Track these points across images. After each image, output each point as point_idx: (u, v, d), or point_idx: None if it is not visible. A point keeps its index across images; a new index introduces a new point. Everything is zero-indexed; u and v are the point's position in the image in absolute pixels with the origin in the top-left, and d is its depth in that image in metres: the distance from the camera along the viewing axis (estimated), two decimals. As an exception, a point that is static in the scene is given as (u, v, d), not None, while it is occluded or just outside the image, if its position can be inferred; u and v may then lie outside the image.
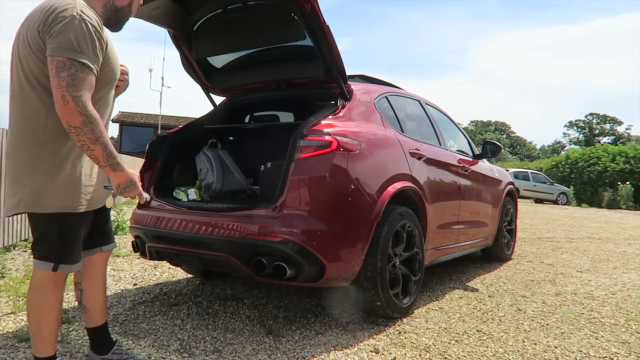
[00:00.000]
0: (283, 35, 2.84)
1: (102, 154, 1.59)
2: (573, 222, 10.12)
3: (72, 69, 1.52)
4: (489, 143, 4.41)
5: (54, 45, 1.53)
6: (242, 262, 2.43)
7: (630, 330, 2.79)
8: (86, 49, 1.55)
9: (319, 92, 3.01)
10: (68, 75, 1.51)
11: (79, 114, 1.52)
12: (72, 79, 1.51)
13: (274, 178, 2.54)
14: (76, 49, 1.53)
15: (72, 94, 1.51)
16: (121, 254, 4.50)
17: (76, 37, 1.53)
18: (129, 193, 1.71)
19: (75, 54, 1.53)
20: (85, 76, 1.55)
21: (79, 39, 1.54)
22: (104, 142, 1.58)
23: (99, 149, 1.57)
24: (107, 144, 1.59)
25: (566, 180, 21.42)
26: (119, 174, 1.67)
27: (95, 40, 1.58)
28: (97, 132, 1.55)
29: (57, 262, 1.68)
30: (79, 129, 1.53)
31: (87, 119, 1.53)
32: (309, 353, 2.28)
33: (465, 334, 2.63)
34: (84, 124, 1.53)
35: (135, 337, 2.42)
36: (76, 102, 1.51)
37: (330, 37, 2.57)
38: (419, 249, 3.01)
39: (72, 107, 1.51)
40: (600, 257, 5.43)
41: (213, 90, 3.41)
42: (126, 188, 1.70)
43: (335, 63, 2.70)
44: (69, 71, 1.51)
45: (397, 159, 2.90)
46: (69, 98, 1.51)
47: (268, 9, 2.74)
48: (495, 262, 4.80)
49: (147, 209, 2.92)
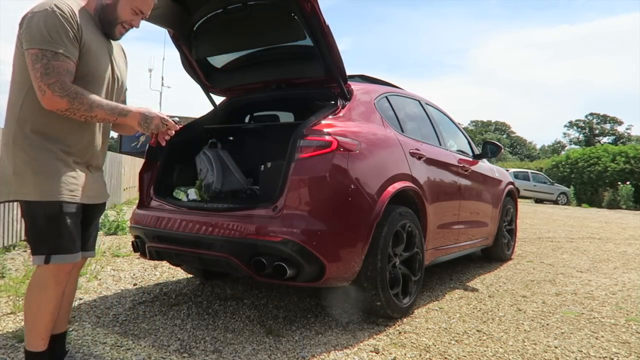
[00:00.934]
0: (283, 35, 2.84)
1: (105, 114, 1.65)
2: (573, 222, 10.12)
3: (44, 59, 1.54)
4: (489, 143, 4.41)
5: (26, 38, 1.57)
6: (242, 262, 2.43)
7: (630, 330, 2.78)
8: (58, 38, 1.57)
9: (319, 92, 3.01)
10: (41, 66, 1.54)
11: (60, 97, 1.56)
12: (45, 69, 1.54)
13: (274, 178, 2.54)
14: (48, 39, 1.55)
15: (46, 82, 1.54)
16: (121, 254, 4.50)
17: (47, 28, 1.56)
18: (154, 124, 1.74)
19: (47, 44, 1.55)
20: (60, 64, 1.57)
21: (49, 29, 1.56)
22: (98, 105, 1.63)
23: (99, 112, 1.64)
24: (102, 105, 1.64)
25: (566, 180, 21.41)
26: (131, 116, 1.71)
27: (67, 29, 1.59)
28: (87, 102, 1.60)
29: (48, 253, 1.66)
30: (70, 109, 1.58)
31: (69, 98, 1.57)
32: (309, 353, 2.28)
33: (465, 334, 2.63)
34: (70, 102, 1.57)
35: (135, 337, 2.42)
36: (52, 89, 1.54)
37: (331, 37, 2.57)
38: (419, 249, 3.01)
39: (50, 95, 1.55)
40: (601, 257, 5.43)
41: (213, 90, 3.41)
42: (147, 121, 1.73)
43: (335, 63, 2.70)
44: (42, 62, 1.54)
45: (397, 159, 2.90)
46: (44, 87, 1.55)
47: (268, 9, 2.74)
48: (495, 262, 4.80)
49: (147, 209, 2.92)
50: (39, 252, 1.67)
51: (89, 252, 1.95)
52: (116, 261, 4.24)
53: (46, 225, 1.67)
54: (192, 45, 3.09)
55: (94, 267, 3.86)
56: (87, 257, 1.97)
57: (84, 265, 3.74)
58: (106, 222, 5.95)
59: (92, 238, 1.96)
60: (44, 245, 1.67)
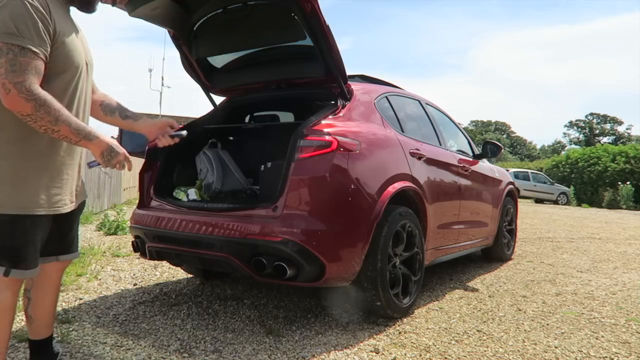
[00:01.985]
0: (283, 35, 2.84)
1: (69, 131, 1.49)
2: (573, 222, 10.11)
3: (10, 53, 1.39)
4: (489, 143, 4.41)
5: None
6: (242, 262, 2.43)
7: (630, 330, 2.78)
8: (26, 31, 1.42)
9: (319, 92, 3.01)
10: (6, 61, 1.39)
11: (25, 100, 1.40)
12: (11, 65, 1.39)
13: (274, 178, 2.54)
14: (14, 32, 1.40)
15: (13, 80, 1.39)
16: (121, 254, 4.50)
17: (13, 19, 1.40)
18: (115, 159, 1.60)
19: (13, 37, 1.40)
20: (27, 60, 1.42)
21: (16, 21, 1.40)
22: (65, 120, 1.47)
23: (63, 128, 1.47)
24: (69, 120, 1.48)
25: (566, 180, 21.42)
26: (95, 142, 1.56)
27: (37, 22, 1.44)
28: (53, 112, 1.44)
29: (9, 267, 1.54)
30: (32, 115, 1.43)
31: (36, 103, 1.41)
32: (309, 353, 2.28)
33: (465, 334, 2.63)
34: (35, 109, 1.41)
35: (135, 337, 2.42)
36: (18, 89, 1.39)
37: (331, 37, 2.57)
38: (419, 249, 3.01)
39: (15, 95, 1.39)
40: (601, 257, 5.43)
41: (213, 90, 3.41)
42: (110, 155, 1.59)
43: (336, 63, 2.70)
44: (7, 57, 1.39)
45: (397, 159, 2.90)
46: (9, 86, 1.39)
47: (268, 9, 2.74)
48: (495, 262, 4.80)
49: (148, 209, 2.92)
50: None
51: (74, 254, 1.87)
52: (116, 261, 4.24)
53: (13, 240, 1.54)
54: (192, 45, 3.09)
55: (94, 267, 3.86)
56: (72, 259, 1.89)
57: (84, 266, 3.77)
58: (106, 222, 5.96)
59: (75, 240, 1.87)
60: (5, 259, 1.54)
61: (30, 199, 1.53)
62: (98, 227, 6.13)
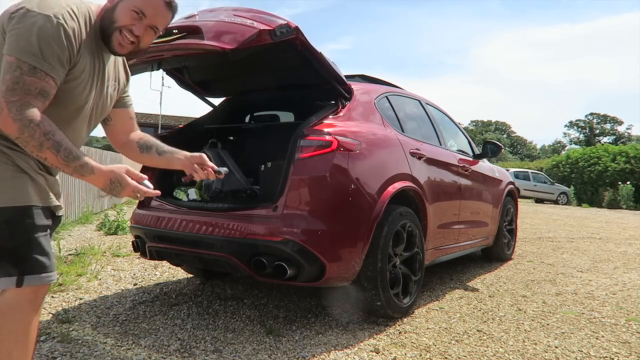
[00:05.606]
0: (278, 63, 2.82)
1: (56, 160, 1.31)
2: (573, 222, 10.11)
3: (17, 71, 1.27)
4: (489, 143, 4.41)
5: (10, 41, 1.29)
6: (242, 262, 2.43)
7: (630, 330, 2.78)
8: (47, 53, 1.29)
9: (319, 92, 3.01)
10: (10, 78, 1.26)
11: (12, 120, 1.26)
12: (14, 83, 1.26)
13: (274, 178, 2.54)
14: (32, 50, 1.28)
15: (8, 99, 1.25)
16: (121, 254, 4.50)
17: (39, 37, 1.28)
18: (120, 193, 1.43)
19: (28, 55, 1.27)
20: (34, 80, 1.28)
21: (41, 40, 1.28)
22: (52, 146, 1.29)
23: (50, 156, 1.31)
24: (57, 147, 1.30)
25: (567, 180, 21.40)
26: (90, 178, 1.39)
27: (65, 49, 1.33)
28: (37, 136, 1.28)
29: (20, 274, 1.34)
30: (19, 138, 1.28)
31: (21, 125, 1.26)
32: (309, 353, 2.28)
33: (465, 333, 2.63)
34: (20, 131, 1.27)
35: (135, 336, 2.42)
36: (9, 108, 1.25)
37: (323, 60, 2.56)
38: (420, 248, 3.01)
39: (5, 115, 1.25)
40: (601, 257, 5.43)
41: (211, 96, 3.46)
42: (112, 190, 1.42)
43: (332, 75, 2.69)
44: (12, 74, 1.27)
45: (398, 158, 2.90)
46: (3, 105, 1.25)
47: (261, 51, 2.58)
48: (495, 262, 4.80)
49: (148, 209, 2.92)
50: (7, 274, 1.33)
51: None
52: (116, 261, 4.24)
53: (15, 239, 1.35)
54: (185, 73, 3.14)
55: (94, 267, 3.86)
56: None
57: (84, 266, 3.77)
58: (106, 222, 5.96)
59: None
60: (12, 265, 1.34)
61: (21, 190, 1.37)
62: (98, 227, 6.13)
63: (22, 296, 1.37)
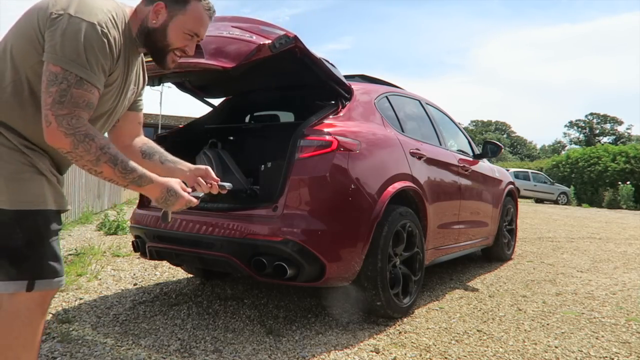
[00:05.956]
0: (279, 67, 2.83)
1: (113, 173, 1.31)
2: (573, 222, 10.11)
3: (64, 83, 1.22)
4: (489, 143, 4.41)
5: (53, 48, 1.23)
6: (242, 262, 2.43)
7: (630, 330, 2.78)
8: (93, 63, 1.26)
9: (319, 92, 3.01)
10: (57, 90, 1.22)
11: (64, 134, 1.22)
12: (61, 96, 1.22)
13: (274, 178, 2.54)
14: (78, 60, 1.23)
15: (56, 112, 1.22)
16: (121, 254, 4.50)
17: (85, 46, 1.24)
18: (173, 204, 1.44)
19: (75, 66, 1.23)
20: (81, 93, 1.25)
21: (87, 50, 1.24)
22: (109, 160, 1.28)
23: (106, 170, 1.30)
24: (115, 161, 1.30)
25: (566, 180, 21.41)
26: (147, 188, 1.38)
27: (107, 58, 1.30)
28: (94, 150, 1.26)
29: (32, 278, 1.31)
30: (72, 152, 1.25)
31: (74, 139, 1.23)
32: (310, 353, 2.28)
33: (465, 333, 2.63)
34: (73, 145, 1.23)
35: (135, 336, 2.42)
36: (59, 122, 1.22)
37: (323, 65, 2.57)
38: (420, 248, 3.01)
39: (54, 129, 1.22)
40: (601, 257, 5.43)
41: (211, 97, 3.46)
42: (166, 201, 1.42)
43: (331, 77, 2.69)
44: (59, 86, 1.22)
45: (398, 158, 2.90)
46: (51, 118, 1.21)
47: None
48: (495, 262, 4.80)
49: (148, 209, 2.92)
50: (19, 277, 1.31)
51: None
52: (116, 261, 4.24)
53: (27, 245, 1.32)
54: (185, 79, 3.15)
55: (94, 267, 3.86)
56: None
57: (84, 266, 3.77)
58: (106, 222, 5.96)
59: None
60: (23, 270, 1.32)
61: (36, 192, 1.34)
62: (98, 227, 6.13)
63: (31, 300, 1.35)
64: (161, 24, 1.41)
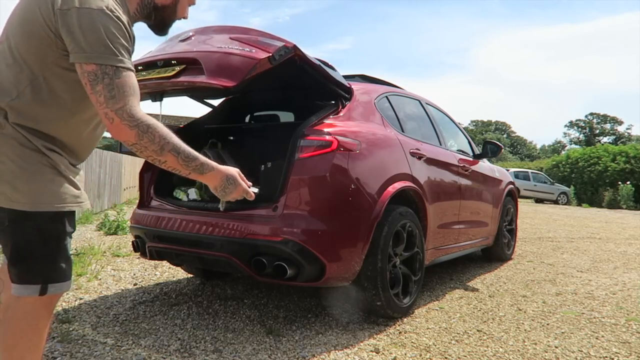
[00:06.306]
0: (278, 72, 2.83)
1: (176, 162, 1.33)
2: (573, 222, 10.11)
3: (106, 77, 1.24)
4: (489, 143, 4.41)
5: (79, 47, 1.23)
6: (242, 262, 2.43)
7: (630, 330, 2.78)
8: (121, 48, 1.27)
9: (319, 92, 3.01)
10: (104, 87, 1.24)
11: (128, 127, 1.25)
12: (110, 91, 1.24)
13: (274, 178, 2.54)
14: (107, 51, 1.25)
15: (113, 107, 1.24)
16: (121, 254, 4.50)
17: (107, 36, 1.25)
18: (230, 194, 1.48)
19: (106, 58, 1.25)
20: (123, 81, 1.27)
21: (110, 38, 1.25)
22: (172, 148, 1.31)
23: (170, 159, 1.32)
24: (177, 149, 1.33)
25: (567, 180, 21.42)
26: (209, 176, 1.42)
27: (129, 40, 1.32)
28: (157, 140, 1.29)
29: (45, 282, 1.32)
30: (137, 144, 1.28)
31: (139, 130, 1.26)
32: (310, 353, 2.28)
33: (465, 333, 2.63)
34: (138, 137, 1.27)
35: (135, 336, 2.42)
36: (120, 116, 1.25)
37: (323, 71, 2.56)
38: (420, 248, 3.01)
39: (118, 124, 1.25)
40: (601, 257, 5.43)
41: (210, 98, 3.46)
42: (225, 189, 1.46)
43: (331, 80, 2.69)
44: (103, 82, 1.24)
45: (398, 158, 2.90)
46: (112, 115, 1.24)
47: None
48: (495, 262, 4.80)
49: (148, 209, 2.92)
50: (32, 281, 1.31)
51: None
52: (116, 261, 4.24)
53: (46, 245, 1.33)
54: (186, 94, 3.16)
55: (94, 267, 3.86)
56: None
57: (84, 266, 3.77)
58: (106, 222, 5.96)
59: None
60: (38, 272, 1.32)
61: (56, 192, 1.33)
62: (98, 227, 6.13)
63: (39, 302, 1.36)
64: (172, 1, 1.50)
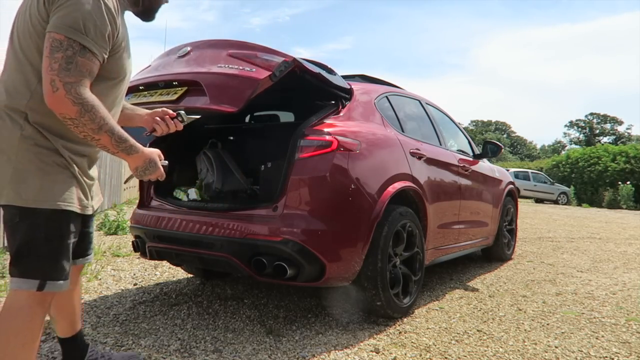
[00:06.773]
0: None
1: (110, 141, 1.37)
2: (573, 222, 10.11)
3: (69, 50, 1.28)
4: (489, 143, 4.41)
5: (55, 20, 1.29)
6: (242, 262, 2.43)
7: (630, 330, 2.78)
8: (93, 31, 1.31)
9: (320, 92, 3.01)
10: (63, 57, 1.27)
11: (71, 102, 1.28)
12: (67, 62, 1.27)
13: (274, 178, 2.54)
14: (80, 29, 1.29)
15: (64, 79, 1.27)
16: (121, 254, 4.50)
17: (83, 16, 1.29)
18: (150, 175, 1.53)
19: (77, 34, 1.28)
20: (85, 61, 1.30)
21: (85, 19, 1.29)
22: (109, 129, 1.35)
23: (104, 138, 1.35)
24: (112, 130, 1.36)
25: (567, 180, 21.41)
26: (134, 157, 1.46)
27: (106, 25, 1.35)
28: (97, 119, 1.32)
29: (43, 279, 1.36)
30: (75, 120, 1.30)
31: (82, 108, 1.29)
32: (310, 353, 2.28)
33: (465, 333, 2.63)
34: (80, 114, 1.29)
35: (135, 336, 2.42)
36: (67, 90, 1.27)
37: (323, 78, 2.57)
38: (420, 248, 3.01)
39: (62, 96, 1.27)
40: (601, 257, 5.43)
41: None
42: (145, 170, 1.51)
43: (332, 85, 2.69)
44: (65, 52, 1.27)
45: (398, 158, 2.90)
46: (58, 84, 1.27)
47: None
48: (495, 262, 4.80)
49: (148, 209, 2.92)
50: (32, 276, 1.36)
51: (89, 257, 1.79)
52: (116, 261, 4.24)
53: (49, 243, 1.37)
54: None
55: (94, 267, 3.86)
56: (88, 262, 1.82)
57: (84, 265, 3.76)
58: (106, 222, 5.96)
59: (92, 242, 1.78)
60: (39, 269, 1.36)
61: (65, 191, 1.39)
62: (98, 227, 6.13)
63: (33, 298, 1.37)
64: None
